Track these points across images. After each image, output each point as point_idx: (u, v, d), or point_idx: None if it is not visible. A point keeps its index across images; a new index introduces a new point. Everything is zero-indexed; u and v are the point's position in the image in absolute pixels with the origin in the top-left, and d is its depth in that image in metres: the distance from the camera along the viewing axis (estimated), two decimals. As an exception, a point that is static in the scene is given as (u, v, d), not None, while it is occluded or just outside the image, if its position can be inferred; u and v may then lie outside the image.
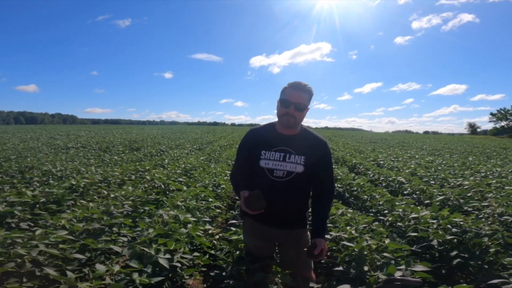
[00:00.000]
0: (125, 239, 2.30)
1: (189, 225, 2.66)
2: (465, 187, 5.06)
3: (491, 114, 75.53)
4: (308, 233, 1.94)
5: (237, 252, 2.33)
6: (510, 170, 7.78)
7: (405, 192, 5.23)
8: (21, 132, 27.76)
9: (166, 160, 8.34)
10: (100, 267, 1.64)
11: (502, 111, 72.95)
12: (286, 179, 1.73)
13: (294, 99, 1.67)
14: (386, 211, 3.84)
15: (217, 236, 3.40)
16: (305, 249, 1.70)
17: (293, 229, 1.85)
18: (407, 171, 7.40)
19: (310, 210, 2.11)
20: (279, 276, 1.87)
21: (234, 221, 3.37)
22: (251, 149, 1.79)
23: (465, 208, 3.97)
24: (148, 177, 5.18)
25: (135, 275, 1.60)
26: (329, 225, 3.08)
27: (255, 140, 1.80)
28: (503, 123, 72.81)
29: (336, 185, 5.84)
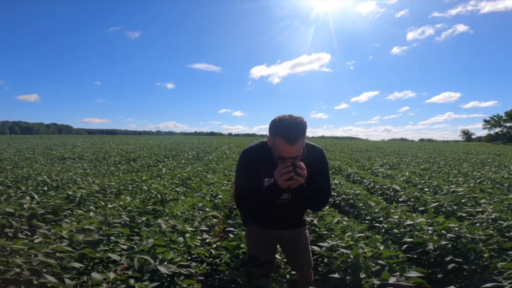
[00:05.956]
0: (124, 247, 2.32)
1: (187, 235, 2.68)
2: (459, 193, 5.12)
3: (485, 120, 76.44)
4: (307, 231, 2.11)
5: (239, 257, 2.36)
6: (505, 176, 7.87)
7: (400, 200, 5.28)
8: (16, 142, 27.59)
9: (164, 170, 8.34)
10: (96, 275, 1.67)
11: (495, 118, 73.82)
12: (291, 199, 1.82)
13: (290, 154, 1.48)
14: (381, 219, 3.88)
15: (214, 245, 3.41)
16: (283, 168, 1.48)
17: (294, 228, 1.99)
18: (402, 179, 7.47)
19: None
20: (279, 278, 1.94)
21: (231, 229, 3.39)
22: (253, 176, 1.72)
23: (459, 214, 4.03)
24: (145, 187, 5.18)
25: (132, 281, 1.62)
26: (325, 232, 3.13)
27: (255, 166, 1.70)
28: (497, 130, 73.58)
29: (332, 193, 5.88)
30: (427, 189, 6.16)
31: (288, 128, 1.43)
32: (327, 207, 4.17)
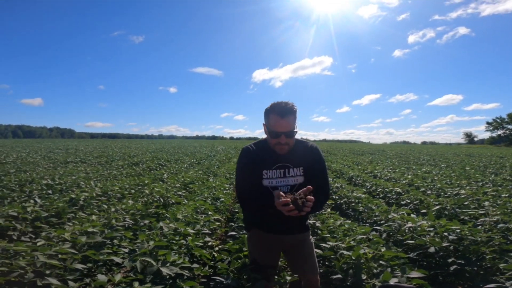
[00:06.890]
0: (126, 250, 2.33)
1: (189, 237, 2.70)
2: (462, 196, 5.11)
3: (487, 123, 76.25)
4: (311, 237, 2.05)
5: (239, 261, 2.36)
6: (505, 178, 7.84)
7: (402, 203, 5.26)
8: (19, 146, 27.77)
9: (165, 174, 8.36)
10: (101, 277, 1.68)
11: (498, 120, 73.62)
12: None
13: (283, 128, 1.64)
14: (382, 222, 3.88)
15: (216, 248, 3.42)
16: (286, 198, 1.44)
17: (298, 233, 1.95)
18: (404, 182, 7.44)
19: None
20: (281, 281, 1.93)
21: (233, 233, 3.40)
22: (252, 169, 1.79)
23: (462, 217, 4.01)
24: (147, 191, 5.20)
25: (136, 284, 1.63)
26: (327, 235, 3.13)
27: (254, 160, 1.79)
28: (500, 132, 73.40)
29: (334, 197, 5.88)
30: (430, 192, 6.14)
31: (279, 105, 1.66)
32: (329, 210, 4.17)
